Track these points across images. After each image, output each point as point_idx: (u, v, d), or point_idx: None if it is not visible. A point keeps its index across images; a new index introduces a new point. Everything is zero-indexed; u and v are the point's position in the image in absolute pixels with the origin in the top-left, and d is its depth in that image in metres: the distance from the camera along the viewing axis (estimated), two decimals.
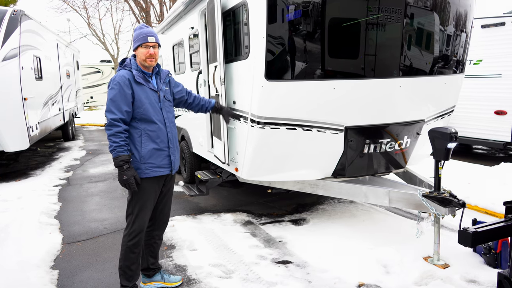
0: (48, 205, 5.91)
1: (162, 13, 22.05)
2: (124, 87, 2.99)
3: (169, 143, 3.19)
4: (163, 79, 3.29)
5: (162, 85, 3.24)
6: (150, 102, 3.10)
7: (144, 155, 3.08)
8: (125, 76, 3.04)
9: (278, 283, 3.49)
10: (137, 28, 3.22)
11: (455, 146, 3.55)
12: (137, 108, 3.05)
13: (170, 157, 3.20)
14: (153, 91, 3.16)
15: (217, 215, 5.38)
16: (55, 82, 11.33)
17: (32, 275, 3.66)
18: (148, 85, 3.14)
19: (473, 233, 2.78)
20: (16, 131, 7.50)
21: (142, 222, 3.16)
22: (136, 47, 3.13)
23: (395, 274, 3.57)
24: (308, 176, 4.49)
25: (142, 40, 3.10)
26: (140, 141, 3.08)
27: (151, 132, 3.10)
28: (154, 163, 3.11)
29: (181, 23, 6.51)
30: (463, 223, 3.24)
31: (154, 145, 3.11)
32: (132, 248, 3.13)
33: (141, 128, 3.08)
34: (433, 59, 4.51)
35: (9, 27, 7.48)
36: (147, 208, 3.17)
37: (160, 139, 3.13)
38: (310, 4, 3.81)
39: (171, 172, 3.25)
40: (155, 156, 3.12)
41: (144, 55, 3.09)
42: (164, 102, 3.22)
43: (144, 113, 3.06)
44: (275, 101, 3.92)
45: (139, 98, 3.05)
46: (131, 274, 3.17)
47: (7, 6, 13.37)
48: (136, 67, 3.13)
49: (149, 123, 3.09)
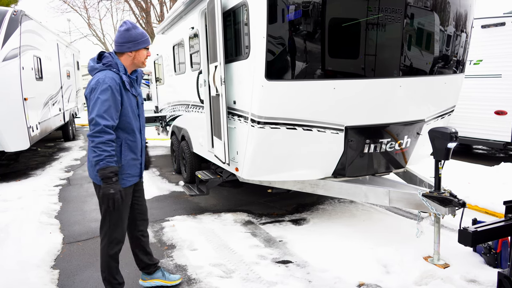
0: (49, 205, 5.91)
1: (163, 13, 22.07)
2: (116, 92, 2.77)
3: (141, 151, 3.10)
4: (139, 80, 3.11)
5: (138, 87, 3.09)
6: (132, 110, 2.94)
7: (124, 165, 2.93)
8: (116, 80, 2.80)
9: (279, 283, 3.49)
10: (131, 28, 2.93)
11: (455, 146, 3.55)
12: (123, 117, 2.85)
13: (141, 165, 3.13)
14: (133, 96, 2.98)
15: (218, 215, 5.38)
16: (56, 82, 11.33)
17: (33, 275, 3.66)
18: (132, 91, 2.96)
19: (473, 232, 2.78)
20: (17, 131, 7.51)
21: (121, 230, 3.04)
22: (139, 49, 2.94)
23: (395, 274, 3.57)
24: (309, 176, 4.49)
25: (147, 42, 2.97)
26: (120, 151, 2.90)
27: (131, 142, 2.96)
28: (130, 173, 2.99)
29: (182, 23, 6.51)
30: (463, 222, 3.24)
31: (133, 155, 2.99)
32: (114, 257, 3.05)
33: (122, 137, 2.90)
34: (433, 59, 4.51)
35: (10, 27, 7.48)
36: (125, 218, 3.06)
37: (137, 149, 3.02)
38: (310, 4, 3.81)
39: (139, 178, 3.17)
40: (132, 167, 2.99)
41: (144, 57, 2.98)
42: (140, 107, 3.07)
43: (128, 121, 2.90)
44: (275, 101, 3.92)
45: (126, 106, 2.86)
46: (116, 283, 3.11)
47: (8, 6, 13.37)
48: (124, 71, 2.90)
49: (129, 132, 2.94)
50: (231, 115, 4.44)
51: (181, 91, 7.07)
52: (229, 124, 4.47)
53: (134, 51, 2.93)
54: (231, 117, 4.46)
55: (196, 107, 5.97)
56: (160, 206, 5.89)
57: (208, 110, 5.35)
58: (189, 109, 6.44)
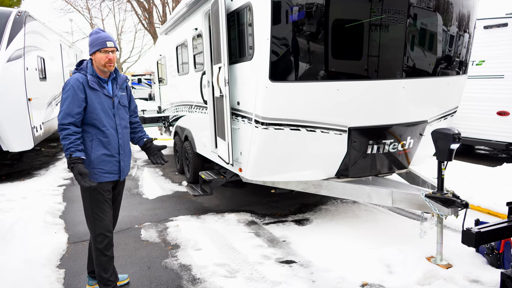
0: (53, 205, 5.95)
1: (165, 13, 22.12)
2: (78, 90, 2.98)
3: (119, 150, 3.18)
4: (120, 84, 3.25)
5: (118, 90, 3.22)
6: (103, 108, 3.09)
7: (93, 160, 3.07)
8: (79, 80, 3.02)
9: (283, 283, 3.52)
10: (93, 33, 3.16)
11: (458, 146, 3.57)
12: (89, 113, 3.04)
13: (120, 163, 3.20)
14: (107, 97, 3.14)
15: (221, 215, 5.41)
16: (59, 83, 11.37)
17: (39, 274, 3.70)
18: (103, 91, 3.11)
19: (476, 233, 2.80)
20: (21, 131, 7.55)
21: (103, 224, 3.14)
22: (93, 52, 3.07)
23: (398, 274, 3.59)
24: (312, 177, 4.52)
25: (100, 45, 3.05)
26: (91, 146, 3.08)
27: (103, 138, 3.09)
28: (103, 168, 3.11)
29: (185, 24, 6.54)
30: (466, 223, 3.26)
31: (105, 151, 3.11)
32: (103, 251, 3.14)
33: (92, 133, 3.08)
34: (436, 60, 4.53)
35: (14, 28, 7.53)
36: (104, 211, 3.15)
37: (111, 146, 3.13)
38: (314, 6, 3.84)
39: (119, 178, 3.24)
40: (105, 162, 3.11)
41: (104, 60, 3.05)
42: (118, 108, 3.21)
43: (96, 118, 3.06)
44: (279, 102, 3.95)
45: (92, 103, 3.04)
46: (106, 279, 3.18)
47: (12, 7, 13.43)
48: (92, 72, 3.09)
49: (100, 129, 3.08)
50: (235, 116, 4.47)
51: (184, 92, 7.10)
52: (232, 125, 4.49)
53: (91, 54, 3.11)
54: (234, 118, 4.48)
55: (199, 108, 6.00)
56: (164, 206, 5.92)
57: (212, 110, 5.38)
58: (193, 110, 6.46)
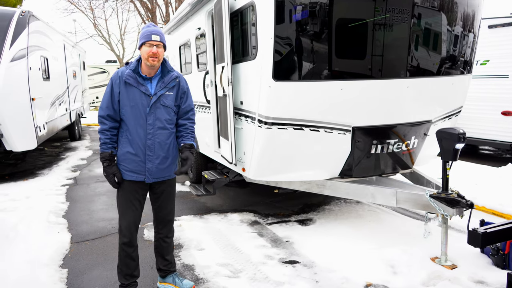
0: (56, 205, 5.96)
1: (168, 13, 22.15)
2: (114, 85, 3.03)
3: (146, 150, 3.05)
4: (166, 83, 3.10)
5: (162, 89, 3.07)
6: (135, 105, 3.01)
7: (119, 156, 3.09)
8: (118, 74, 3.04)
9: (286, 283, 3.50)
10: (144, 27, 3.13)
11: (463, 146, 3.54)
12: (121, 109, 3.05)
13: (145, 164, 3.06)
14: (144, 94, 3.02)
15: (224, 215, 5.40)
16: (62, 83, 11.41)
17: (42, 273, 3.70)
18: (139, 87, 3.01)
19: (483, 233, 2.78)
20: (24, 131, 7.56)
21: (127, 222, 3.11)
22: (140, 45, 3.03)
23: (403, 275, 3.57)
24: (315, 177, 4.50)
25: (146, 37, 2.98)
26: (120, 142, 3.10)
27: (129, 136, 3.06)
28: (127, 166, 3.07)
29: (188, 23, 6.53)
30: (470, 224, 3.24)
31: (130, 149, 3.06)
32: (123, 247, 3.15)
33: (123, 129, 3.09)
34: (441, 59, 4.50)
35: (18, 28, 7.54)
36: (129, 209, 3.11)
37: (135, 144, 3.04)
38: (318, 5, 3.82)
39: (144, 180, 3.10)
40: (129, 161, 3.06)
41: (147, 53, 2.95)
42: (157, 108, 3.05)
43: (124, 114, 3.05)
44: (283, 102, 3.93)
45: (122, 99, 3.02)
46: (126, 272, 3.19)
47: (15, 7, 13.48)
48: (134, 67, 3.03)
49: (128, 126, 3.05)
50: (238, 116, 4.46)
51: None
52: (236, 125, 4.48)
53: (139, 47, 3.08)
54: (238, 118, 4.47)
55: (202, 107, 5.99)
56: None
57: (215, 110, 5.37)
58: (196, 109, 6.45)
